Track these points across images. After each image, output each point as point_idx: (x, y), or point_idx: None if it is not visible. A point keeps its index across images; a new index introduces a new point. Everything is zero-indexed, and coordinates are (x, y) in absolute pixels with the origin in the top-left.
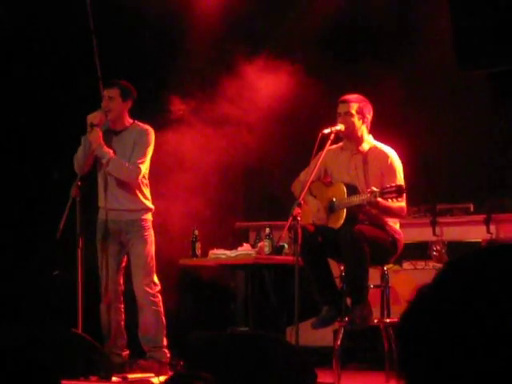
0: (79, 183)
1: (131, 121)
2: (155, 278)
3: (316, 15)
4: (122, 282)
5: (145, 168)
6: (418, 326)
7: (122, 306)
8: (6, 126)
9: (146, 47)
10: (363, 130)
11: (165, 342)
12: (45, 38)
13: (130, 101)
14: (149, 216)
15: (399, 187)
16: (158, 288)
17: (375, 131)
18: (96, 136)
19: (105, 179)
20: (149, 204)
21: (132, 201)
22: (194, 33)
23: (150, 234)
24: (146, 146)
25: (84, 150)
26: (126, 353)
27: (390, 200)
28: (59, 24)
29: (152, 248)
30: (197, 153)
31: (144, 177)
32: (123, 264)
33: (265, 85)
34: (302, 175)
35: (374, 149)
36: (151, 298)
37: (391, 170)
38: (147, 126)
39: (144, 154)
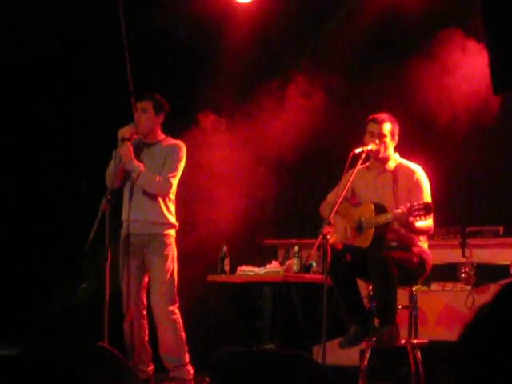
0: (109, 197)
1: (163, 135)
2: (174, 296)
3: (350, 31)
4: (144, 297)
5: (176, 182)
6: (479, 346)
7: (146, 321)
8: (38, 139)
9: (177, 64)
10: (391, 149)
11: (187, 359)
12: (79, 52)
13: (162, 114)
14: (171, 232)
15: (427, 205)
16: (177, 304)
17: (405, 149)
18: (127, 150)
19: (130, 191)
20: (172, 220)
21: (156, 213)
22: (225, 50)
23: (171, 250)
24: (178, 160)
25: (115, 163)
26: (150, 368)
27: (418, 218)
28: (93, 39)
29: (173, 264)
30: (227, 169)
31: (172, 192)
32: (146, 279)
33: (297, 102)
34: (330, 196)
35: (400, 166)
36: (169, 316)
37: (418, 186)
38: (179, 141)
39: (175, 169)
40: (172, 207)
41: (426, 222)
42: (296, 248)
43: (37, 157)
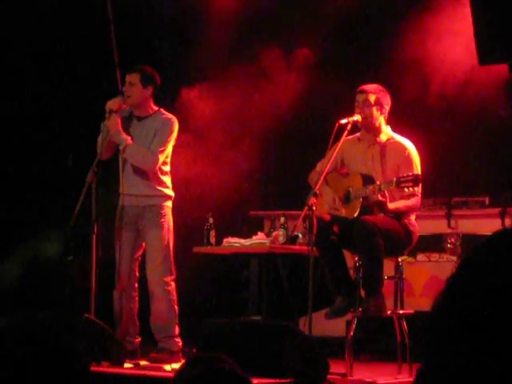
0: (96, 169)
1: (156, 108)
2: (171, 266)
3: (335, 4)
4: (137, 269)
5: (164, 156)
6: (450, 316)
7: (136, 293)
8: (22, 114)
9: (162, 36)
10: (381, 120)
11: (177, 331)
12: (64, 25)
13: (151, 87)
14: (167, 203)
15: (416, 176)
16: (173, 276)
17: (393, 122)
18: (114, 122)
19: (122, 165)
20: (167, 191)
21: (149, 186)
22: (211, 22)
23: (167, 221)
24: (168, 134)
25: (102, 135)
26: (138, 340)
27: (406, 189)
28: (78, 13)
29: (169, 235)
30: (212, 141)
31: (165, 163)
32: (139, 251)
33: (281, 76)
34: (319, 166)
35: (391, 140)
36: (164, 287)
37: (408, 161)
38: (171, 116)
39: (165, 143)
40: (166, 178)
41: (405, 202)
42: (282, 219)
43: (21, 132)
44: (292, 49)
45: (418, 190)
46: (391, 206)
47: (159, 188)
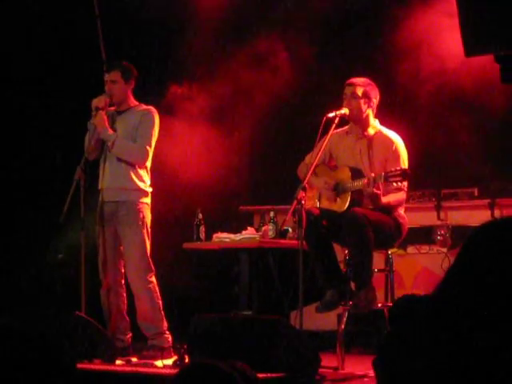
0: (83, 166)
1: (136, 102)
2: (149, 263)
3: None
4: (122, 266)
5: (152, 149)
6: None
7: (124, 290)
8: (11, 111)
9: (150, 32)
10: (369, 113)
11: (165, 327)
12: (51, 22)
13: (132, 80)
14: (142, 199)
15: (404, 171)
16: (152, 273)
17: (382, 114)
18: (101, 119)
19: (104, 160)
20: (142, 186)
21: (126, 179)
22: (199, 15)
23: (141, 217)
24: (151, 127)
25: (89, 133)
26: (128, 336)
27: (394, 184)
28: (64, 9)
29: (144, 232)
30: (201, 136)
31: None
32: (122, 248)
33: (270, 70)
34: (308, 158)
35: (379, 134)
36: (145, 285)
37: (395, 155)
38: (151, 107)
39: (150, 136)
40: (144, 174)
41: (395, 196)
42: (271, 214)
43: (9, 130)
44: (282, 42)
45: (405, 184)
46: (384, 199)
47: (136, 181)
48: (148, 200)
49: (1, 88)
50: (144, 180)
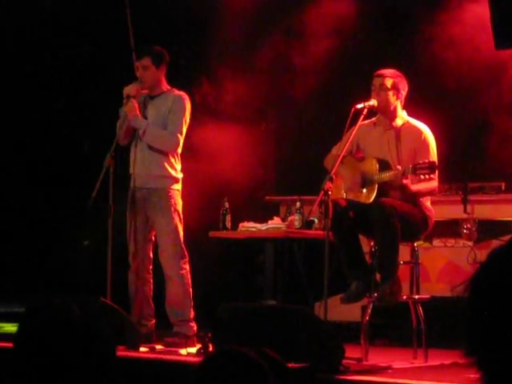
0: (113, 153)
1: (169, 87)
2: (182, 249)
3: None
4: (151, 252)
5: (183, 137)
6: (493, 288)
7: (151, 275)
8: (39, 100)
9: (178, 20)
10: (397, 105)
11: (191, 315)
12: (79, 13)
13: (163, 66)
14: (174, 186)
15: (432, 164)
16: (186, 259)
17: (410, 107)
18: (132, 107)
19: (136, 146)
20: (173, 173)
21: (158, 166)
22: (229, 7)
23: (174, 204)
24: (182, 113)
25: (120, 121)
26: (152, 322)
27: (422, 176)
28: None
29: (177, 218)
30: (229, 127)
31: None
32: (151, 233)
33: (297, 61)
34: (334, 150)
35: (407, 125)
36: (178, 271)
37: (424, 146)
38: (182, 93)
39: (181, 124)
40: (175, 160)
41: (426, 185)
42: (298, 204)
43: (40, 116)
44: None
45: (435, 176)
46: (414, 187)
47: (168, 169)
48: (179, 186)
49: (29, 77)
50: (175, 167)
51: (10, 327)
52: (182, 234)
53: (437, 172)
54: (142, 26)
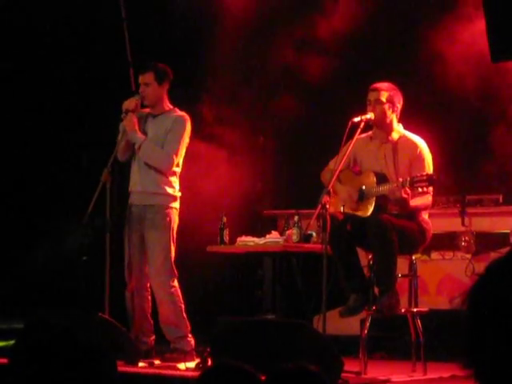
0: (110, 168)
1: (171, 106)
2: (172, 268)
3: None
4: (147, 269)
5: (179, 157)
6: (492, 299)
7: (149, 293)
8: (37, 113)
9: (176, 34)
10: (393, 118)
11: (187, 330)
12: (76, 25)
13: (166, 83)
14: (173, 204)
15: (430, 176)
16: (175, 277)
17: (406, 120)
18: (130, 122)
19: (134, 162)
20: (170, 191)
21: (154, 184)
22: (225, 19)
23: (171, 222)
24: (181, 134)
25: (120, 136)
26: (152, 338)
27: (419, 189)
28: (91, 12)
29: (169, 237)
30: (226, 141)
31: (177, 164)
32: (148, 251)
33: (294, 75)
34: (332, 163)
35: (403, 138)
36: (167, 290)
37: (420, 159)
38: (184, 114)
39: (178, 144)
40: (173, 179)
41: (422, 200)
42: (295, 218)
43: (36, 132)
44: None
45: (430, 188)
46: (412, 203)
47: (165, 187)
48: (177, 205)
49: (27, 88)
50: (173, 185)
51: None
52: (173, 252)
53: (432, 187)
54: (139, 41)
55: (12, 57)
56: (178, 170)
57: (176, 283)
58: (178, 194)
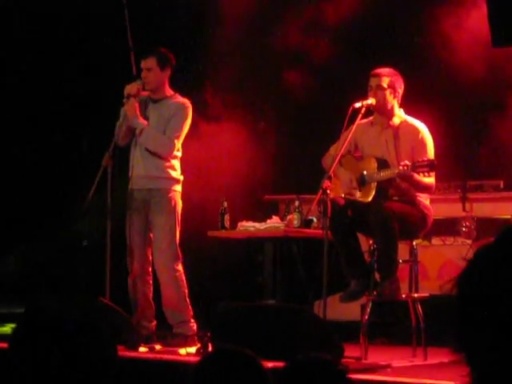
0: (112, 153)
1: (172, 92)
2: (177, 251)
3: None
4: (150, 253)
5: (180, 142)
6: (480, 284)
7: (150, 277)
8: (38, 99)
9: (177, 21)
10: (394, 104)
11: (190, 315)
12: (77, 12)
13: (168, 68)
14: (175, 187)
15: (431, 162)
16: (179, 261)
17: (408, 105)
18: (132, 107)
19: (135, 147)
20: (175, 174)
21: (158, 168)
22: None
23: (174, 205)
24: (183, 120)
25: (120, 120)
26: (153, 323)
27: (421, 174)
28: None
29: (175, 220)
30: (227, 126)
31: (178, 149)
32: (151, 236)
33: (296, 60)
34: (333, 149)
35: (404, 123)
36: (172, 274)
37: (422, 144)
38: (185, 100)
39: (180, 129)
40: (175, 162)
41: (427, 179)
42: (296, 203)
43: (37, 117)
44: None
45: (433, 174)
46: (416, 177)
47: (168, 170)
48: (179, 188)
49: (27, 75)
50: (176, 168)
51: (7, 328)
52: (178, 235)
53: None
54: (140, 26)
55: (13, 43)
56: (178, 154)
57: (180, 267)
58: (181, 178)
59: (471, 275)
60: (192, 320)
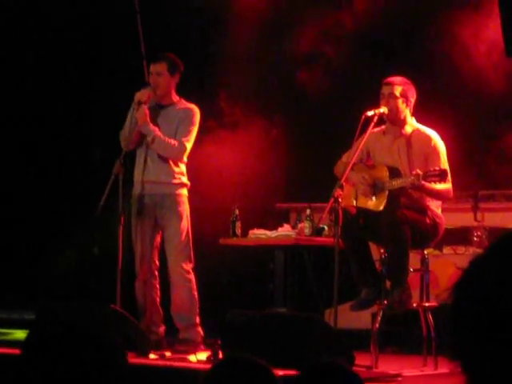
0: (122, 160)
1: (178, 97)
2: (190, 254)
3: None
4: (157, 258)
5: (190, 146)
6: (474, 293)
7: (157, 281)
8: (49, 106)
9: (190, 27)
10: (406, 112)
11: (197, 320)
12: (90, 18)
13: (177, 74)
14: (184, 191)
15: (442, 171)
16: (192, 265)
17: (420, 114)
18: (143, 113)
19: (145, 153)
20: (184, 179)
21: (168, 174)
22: (239, 12)
23: (185, 209)
24: (192, 125)
25: (130, 126)
26: (162, 328)
27: (433, 183)
28: (104, 4)
29: (187, 223)
30: (239, 134)
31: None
32: (158, 240)
33: (310, 68)
34: (344, 157)
35: (417, 132)
36: (185, 275)
37: (435, 153)
38: (193, 105)
39: (189, 133)
40: (183, 167)
41: (441, 185)
42: (308, 211)
43: (48, 124)
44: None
45: (448, 182)
46: (428, 185)
47: (178, 176)
48: (187, 192)
49: (40, 81)
50: (184, 174)
51: (21, 334)
52: (191, 239)
53: (449, 178)
54: (152, 33)
55: (26, 48)
56: (185, 159)
57: (193, 272)
58: (188, 183)
59: (465, 284)
60: (199, 326)
